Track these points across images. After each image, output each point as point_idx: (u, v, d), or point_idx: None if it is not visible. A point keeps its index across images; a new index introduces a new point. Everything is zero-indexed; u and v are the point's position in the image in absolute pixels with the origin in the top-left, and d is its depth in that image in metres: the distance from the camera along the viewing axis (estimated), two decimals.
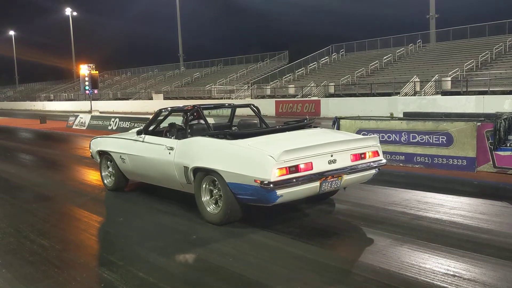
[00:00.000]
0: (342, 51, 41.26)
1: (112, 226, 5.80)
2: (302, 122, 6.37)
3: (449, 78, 26.37)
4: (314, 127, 6.33)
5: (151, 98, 43.65)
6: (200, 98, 40.61)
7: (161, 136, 6.41)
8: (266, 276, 3.91)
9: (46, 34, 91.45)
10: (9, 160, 11.94)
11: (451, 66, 28.98)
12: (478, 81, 25.56)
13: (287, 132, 5.86)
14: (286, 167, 4.68)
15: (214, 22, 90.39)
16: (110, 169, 7.39)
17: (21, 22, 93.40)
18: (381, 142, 8.72)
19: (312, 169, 4.87)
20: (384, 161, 5.70)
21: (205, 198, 5.46)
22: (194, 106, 6.44)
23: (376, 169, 5.60)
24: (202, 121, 6.36)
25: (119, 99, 49.55)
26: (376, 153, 5.56)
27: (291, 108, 28.02)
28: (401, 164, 8.57)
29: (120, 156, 6.94)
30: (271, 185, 4.60)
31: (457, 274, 3.77)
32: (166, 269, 4.14)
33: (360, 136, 6.01)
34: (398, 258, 4.17)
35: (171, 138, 6.20)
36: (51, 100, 61.11)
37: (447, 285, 3.58)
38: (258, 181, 4.65)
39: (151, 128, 6.70)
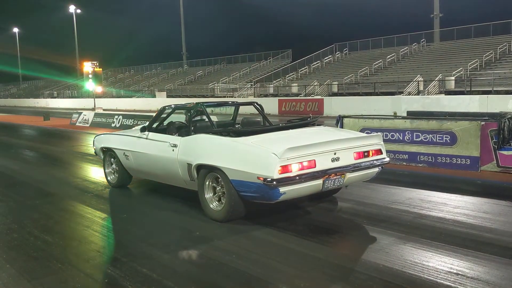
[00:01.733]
0: (346, 50, 41.22)
1: (115, 222, 5.82)
2: (306, 120, 6.39)
3: (452, 78, 26.30)
4: (318, 125, 6.34)
5: (154, 96, 43.71)
6: (203, 96, 40.67)
7: (165, 133, 6.42)
8: (270, 273, 3.91)
9: (50, 32, 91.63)
10: (13, 157, 11.97)
11: (455, 65, 28.90)
12: (482, 81, 25.49)
13: (290, 130, 5.89)
14: (289, 165, 4.70)
15: (218, 21, 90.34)
16: (114, 166, 7.42)
17: (25, 19, 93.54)
18: (384, 141, 8.70)
19: (315, 167, 4.89)
20: (387, 159, 5.72)
21: (208, 195, 5.48)
22: (197, 103, 6.46)
23: (379, 167, 5.61)
24: (205, 119, 6.36)
25: (123, 96, 49.62)
26: (379, 151, 5.58)
27: (294, 106, 28.01)
28: (404, 163, 8.55)
29: (124, 153, 6.97)
30: (274, 183, 4.61)
31: (460, 273, 3.77)
32: (170, 265, 4.15)
33: (364, 134, 6.03)
34: (401, 256, 4.17)
35: (174, 135, 6.21)
36: (55, 98, 61.27)
37: (451, 284, 3.58)
38: (261, 178, 4.68)
39: (154, 125, 6.72)
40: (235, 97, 36.89)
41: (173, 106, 6.90)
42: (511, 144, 7.48)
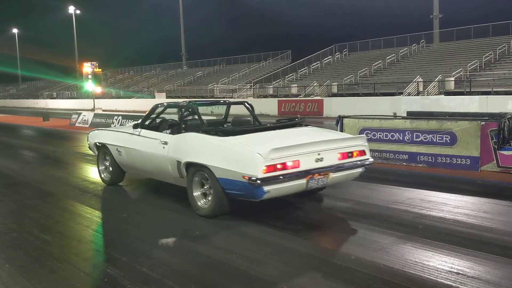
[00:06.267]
0: (345, 50, 41.23)
1: (115, 222, 5.80)
2: (293, 120, 6.53)
3: (452, 78, 26.33)
4: (305, 125, 6.44)
5: (153, 97, 43.67)
6: (202, 97, 40.64)
7: (157, 130, 6.53)
8: (270, 272, 3.90)
9: (49, 32, 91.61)
10: (13, 157, 11.96)
11: (454, 66, 28.93)
12: (481, 82, 25.52)
13: (278, 130, 6.03)
14: (273, 165, 4.83)
15: (217, 21, 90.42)
16: (107, 163, 7.58)
17: (24, 20, 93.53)
18: (384, 141, 8.75)
19: (299, 167, 5.01)
20: (371, 160, 5.80)
21: (196, 192, 5.62)
22: (189, 102, 6.60)
23: (363, 167, 5.71)
24: (196, 117, 6.47)
25: (122, 97, 49.59)
26: (363, 152, 5.69)
27: (294, 107, 28.00)
28: (404, 163, 8.55)
29: (117, 148, 7.13)
30: (259, 182, 4.73)
31: (461, 272, 3.77)
32: (169, 265, 4.14)
33: (348, 135, 6.14)
34: (401, 255, 4.17)
35: (166, 133, 6.33)
36: (54, 98, 61.23)
37: (451, 283, 3.57)
38: (246, 177, 4.81)
39: (147, 122, 6.86)
40: (234, 98, 36.86)
41: (165, 104, 7.02)
42: (511, 144, 7.49)
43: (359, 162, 5.59)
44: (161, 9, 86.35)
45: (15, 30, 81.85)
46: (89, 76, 25.99)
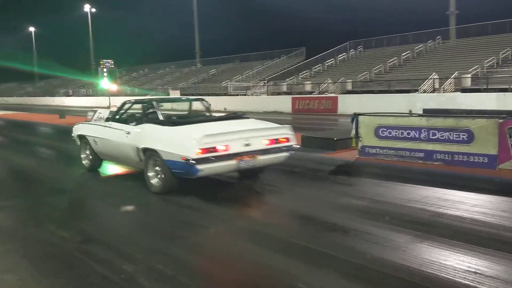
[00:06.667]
0: (360, 47, 40.89)
1: (130, 219, 5.84)
2: (236, 114, 7.92)
3: (469, 75, 25.94)
4: (246, 118, 7.49)
5: (168, 94, 43.83)
6: (216, 94, 40.67)
7: (125, 123, 7.50)
8: (286, 270, 3.89)
9: (65, 30, 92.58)
10: (29, 154, 12.12)
11: (471, 63, 28.50)
12: (498, 78, 25.10)
13: (219, 122, 7.20)
14: (206, 148, 5.88)
15: (231, 19, 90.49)
16: (87, 151, 8.63)
17: (40, 19, 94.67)
18: (400, 138, 8.67)
19: (228, 150, 6.06)
20: (295, 146, 6.89)
21: (151, 173, 6.63)
22: (150, 99, 7.92)
23: (288, 152, 6.79)
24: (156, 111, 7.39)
25: (137, 94, 49.88)
26: (288, 140, 6.79)
27: (308, 105, 27.85)
28: (420, 161, 8.46)
29: (94, 139, 8.22)
30: (193, 161, 5.79)
31: (478, 272, 3.71)
32: (184, 262, 4.15)
33: (275, 125, 7.08)
34: (418, 254, 4.12)
35: (131, 125, 7.30)
36: (70, 96, 61.84)
37: (469, 282, 3.52)
38: (184, 158, 5.84)
39: (117, 116, 7.88)
40: (248, 95, 36.87)
41: (132, 100, 8.23)
42: None
43: (284, 148, 6.72)
44: (175, 7, 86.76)
45: (31, 29, 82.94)
46: (105, 74, 26.19)
